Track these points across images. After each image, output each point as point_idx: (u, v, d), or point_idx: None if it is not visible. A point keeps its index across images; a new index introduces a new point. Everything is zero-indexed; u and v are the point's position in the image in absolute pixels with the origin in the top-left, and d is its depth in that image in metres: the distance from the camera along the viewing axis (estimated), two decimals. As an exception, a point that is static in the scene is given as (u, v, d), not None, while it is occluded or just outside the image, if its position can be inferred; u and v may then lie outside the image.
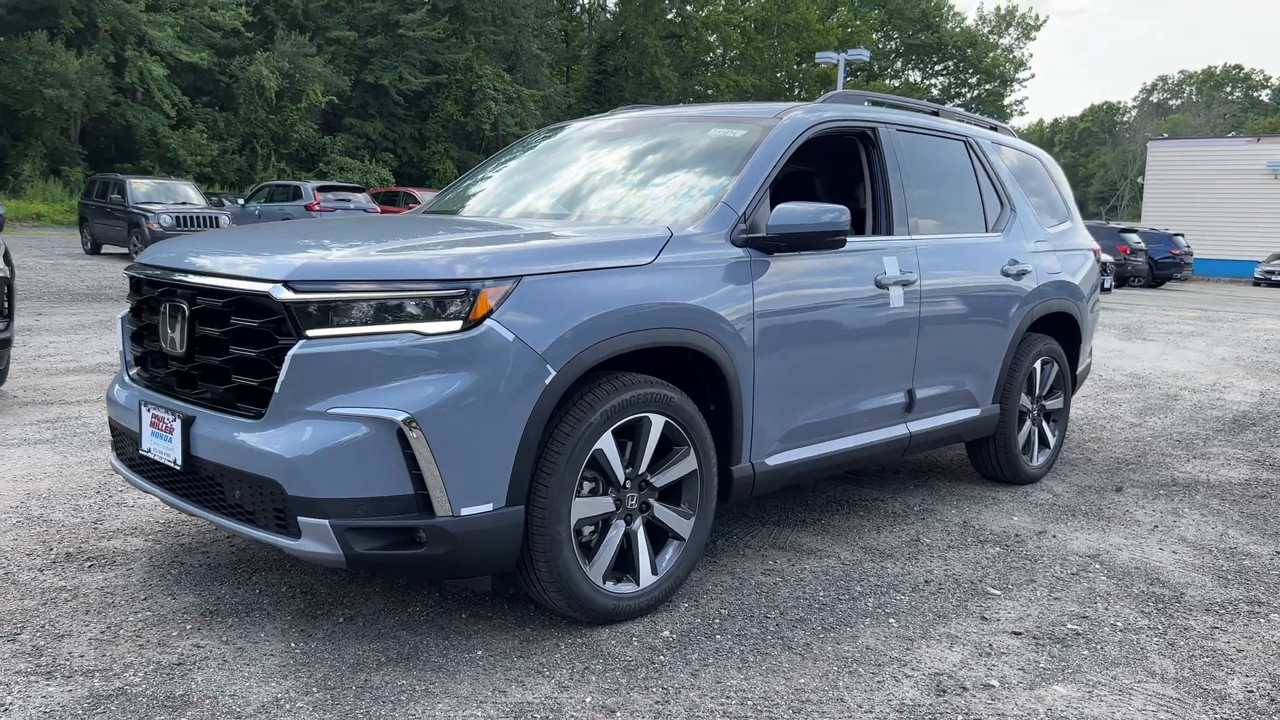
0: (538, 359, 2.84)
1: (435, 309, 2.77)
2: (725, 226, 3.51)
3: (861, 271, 3.99)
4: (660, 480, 3.27)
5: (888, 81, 65.66)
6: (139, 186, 19.90)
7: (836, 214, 3.52)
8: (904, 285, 4.13)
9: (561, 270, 2.98)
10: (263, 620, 3.12)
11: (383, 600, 3.30)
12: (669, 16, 51.74)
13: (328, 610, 3.22)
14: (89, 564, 3.52)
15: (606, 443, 3.07)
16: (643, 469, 3.20)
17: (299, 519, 2.75)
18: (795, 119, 3.94)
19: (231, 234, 3.79)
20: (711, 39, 55.37)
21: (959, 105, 67.67)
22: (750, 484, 3.60)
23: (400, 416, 2.68)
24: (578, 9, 56.53)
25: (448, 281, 2.78)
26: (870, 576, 3.72)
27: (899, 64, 68.22)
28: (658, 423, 3.20)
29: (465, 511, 2.77)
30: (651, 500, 3.26)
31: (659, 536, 3.34)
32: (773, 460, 3.67)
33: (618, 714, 2.63)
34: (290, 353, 2.74)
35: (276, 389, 2.77)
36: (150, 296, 3.25)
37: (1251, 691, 2.94)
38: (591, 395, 3.03)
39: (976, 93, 67.84)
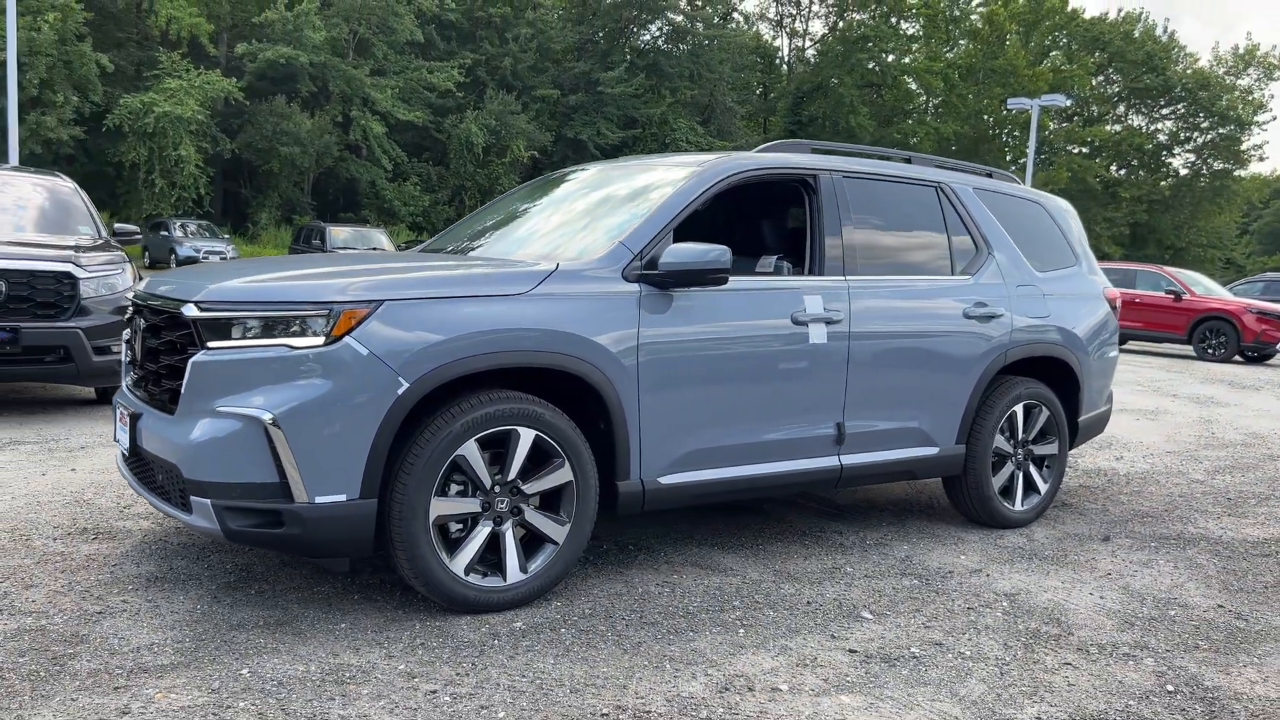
0: (390, 372, 3.31)
1: (305, 327, 3.31)
2: (619, 263, 3.88)
3: (775, 309, 4.24)
4: (532, 488, 3.66)
5: (1108, 126, 62.49)
6: (338, 233, 21.98)
7: (719, 253, 3.83)
8: (827, 323, 4.34)
9: (425, 297, 3.45)
10: (192, 587, 3.72)
11: (300, 579, 3.84)
12: (869, 66, 51.58)
13: (250, 584, 3.78)
14: (94, 537, 4.26)
15: (470, 450, 3.49)
16: (511, 476, 3.60)
17: (191, 498, 3.34)
18: (712, 168, 4.27)
19: (204, 266, 4.48)
20: (912, 87, 54.70)
21: (1189, 150, 63.55)
22: (639, 500, 3.91)
23: (266, 416, 3.22)
24: (777, 60, 57.28)
25: (315, 304, 3.32)
26: (757, 595, 3.94)
27: (1121, 108, 64.83)
28: (527, 435, 3.59)
29: (320, 500, 3.27)
30: (523, 505, 3.65)
31: (537, 540, 3.72)
32: (667, 480, 3.98)
33: (417, 679, 3.03)
34: (191, 360, 3.35)
35: (182, 389, 3.38)
36: (129, 315, 3.97)
37: (1039, 719, 2.99)
38: (456, 406, 3.48)
39: (1208, 137, 63.42)
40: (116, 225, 8.26)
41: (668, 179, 4.33)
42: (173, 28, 34.35)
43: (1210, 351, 17.69)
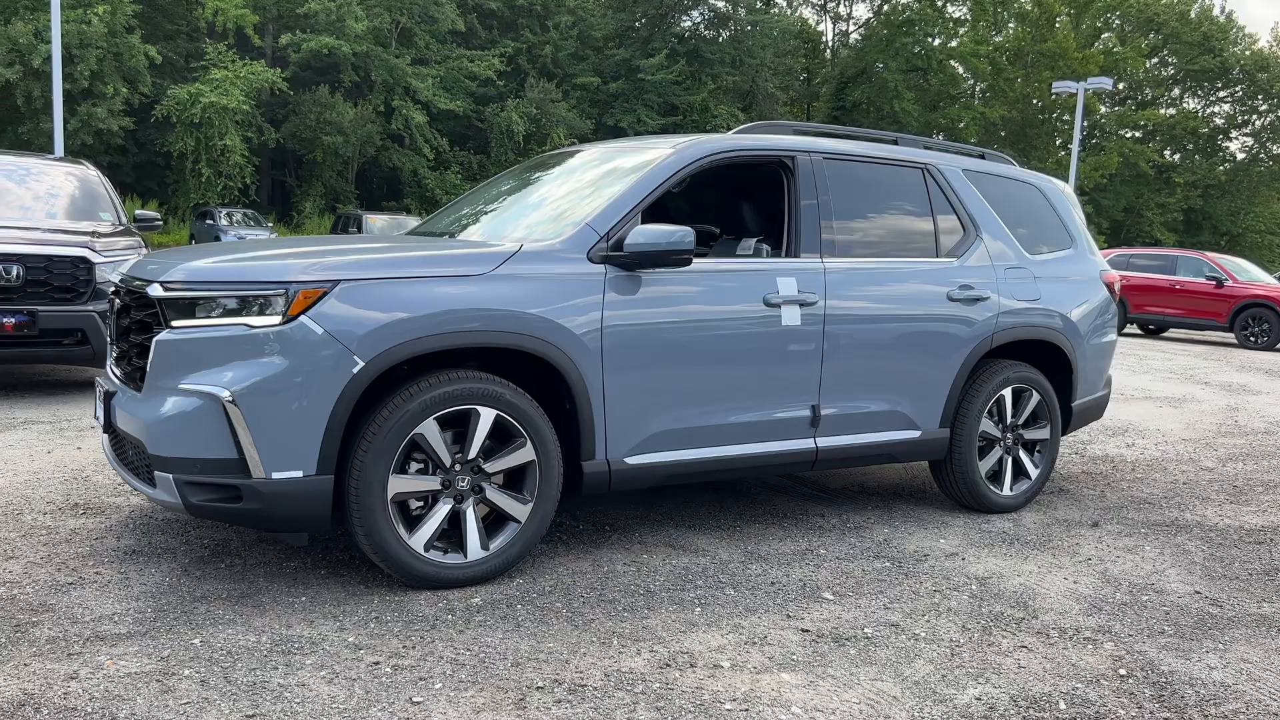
0: (345, 351, 3.37)
1: (263, 306, 3.38)
2: (584, 245, 3.90)
3: (747, 291, 4.24)
4: (494, 467, 3.70)
5: (1162, 110, 61.06)
6: (374, 221, 22.26)
7: (682, 235, 3.84)
8: (801, 305, 4.33)
9: (381, 277, 3.51)
10: (165, 561, 3.82)
11: (271, 555, 3.93)
12: (914, 50, 50.91)
13: (222, 558, 3.88)
14: (83, 513, 4.39)
15: (429, 428, 3.54)
16: (472, 455, 3.65)
17: (155, 473, 3.43)
18: (686, 150, 4.27)
19: (186, 248, 4.57)
20: (958, 71, 53.90)
21: (1247, 134, 61.85)
22: (605, 479, 3.94)
23: (224, 394, 3.30)
24: (820, 45, 56.73)
25: (272, 283, 3.39)
26: (722, 575, 3.95)
27: (1176, 91, 63.33)
28: (487, 415, 3.64)
29: (276, 475, 3.34)
30: (485, 484, 3.70)
31: (501, 518, 3.77)
32: (634, 460, 4.00)
33: (363, 650, 3.09)
34: (156, 338, 3.43)
35: (148, 368, 3.47)
36: (110, 296, 4.08)
37: (978, 700, 2.98)
38: (415, 385, 3.53)
39: (1267, 120, 61.73)
40: (138, 212, 8.45)
41: (644, 161, 4.34)
42: (219, 19, 34.93)
43: (1252, 339, 17.28)
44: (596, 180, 4.41)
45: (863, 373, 4.57)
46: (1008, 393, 5.06)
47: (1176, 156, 59.50)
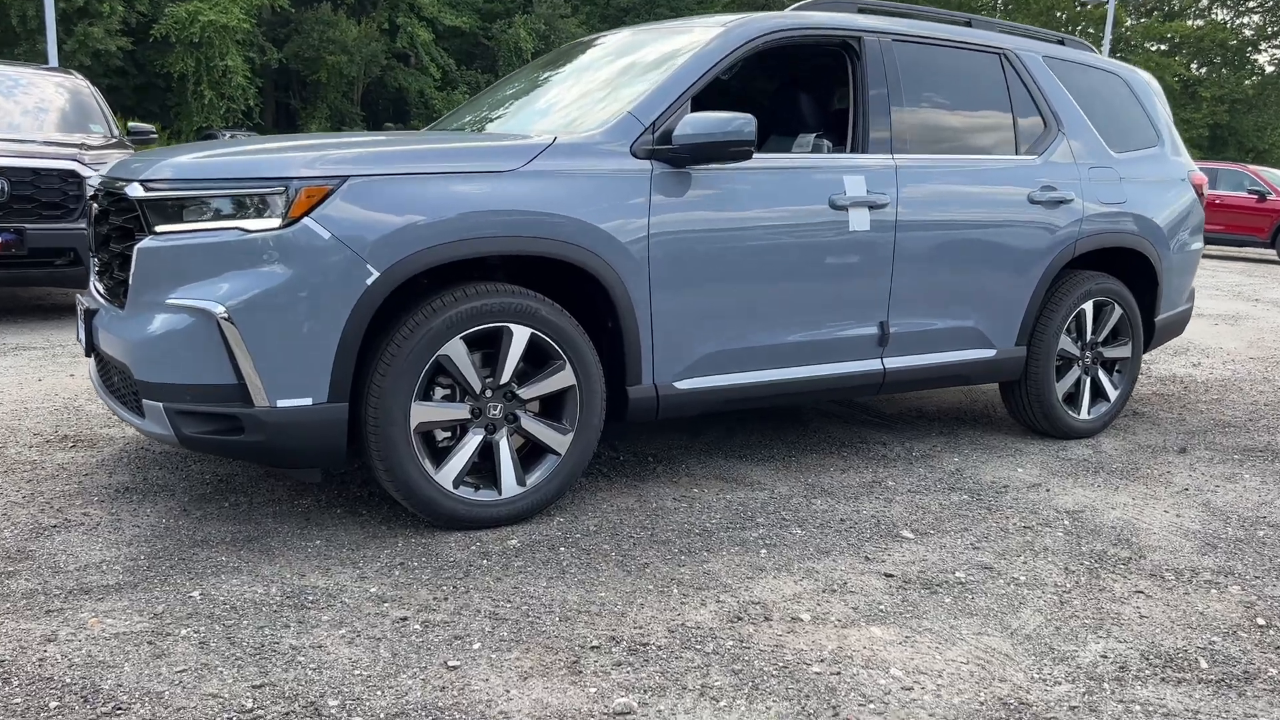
0: (357, 259, 2.90)
1: (259, 206, 2.90)
2: (626, 137, 3.39)
3: (811, 191, 3.73)
4: (529, 393, 3.25)
5: (1190, 22, 59.15)
6: (381, 141, 21.48)
7: (742, 123, 3.33)
8: (870, 207, 3.82)
9: (396, 173, 3.01)
10: (162, 499, 3.40)
11: (281, 492, 3.51)
12: (934, -39, 49.13)
13: (225, 496, 3.46)
14: (73, 445, 3.97)
15: (455, 349, 3.08)
16: (504, 379, 3.19)
17: (143, 401, 2.99)
18: (739, 28, 3.73)
19: (173, 146, 4.04)
20: (981, -18, 52.10)
21: (1276, 46, 59.88)
22: (653, 406, 3.49)
23: (218, 309, 2.84)
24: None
25: (270, 180, 2.90)
26: (784, 511, 3.52)
27: (1204, 2, 61.29)
28: (521, 334, 3.17)
29: (282, 404, 2.90)
30: (519, 412, 3.25)
31: (537, 450, 3.33)
32: (684, 384, 3.55)
33: (388, 604, 2.68)
34: (137, 246, 2.96)
35: (130, 281, 3.00)
36: (88, 201, 3.59)
37: (1103, 657, 2.55)
38: (438, 300, 3.06)
39: (1300, 32, 59.73)
40: (132, 125, 7.92)
41: (691, 42, 3.80)
42: (216, -68, 33.66)
43: (1295, 255, 16.65)
44: (636, 66, 3.88)
45: (936, 285, 4.08)
46: (1088, 306, 4.57)
47: (1203, 70, 57.77)
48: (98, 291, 3.43)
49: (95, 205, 3.37)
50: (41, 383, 5.00)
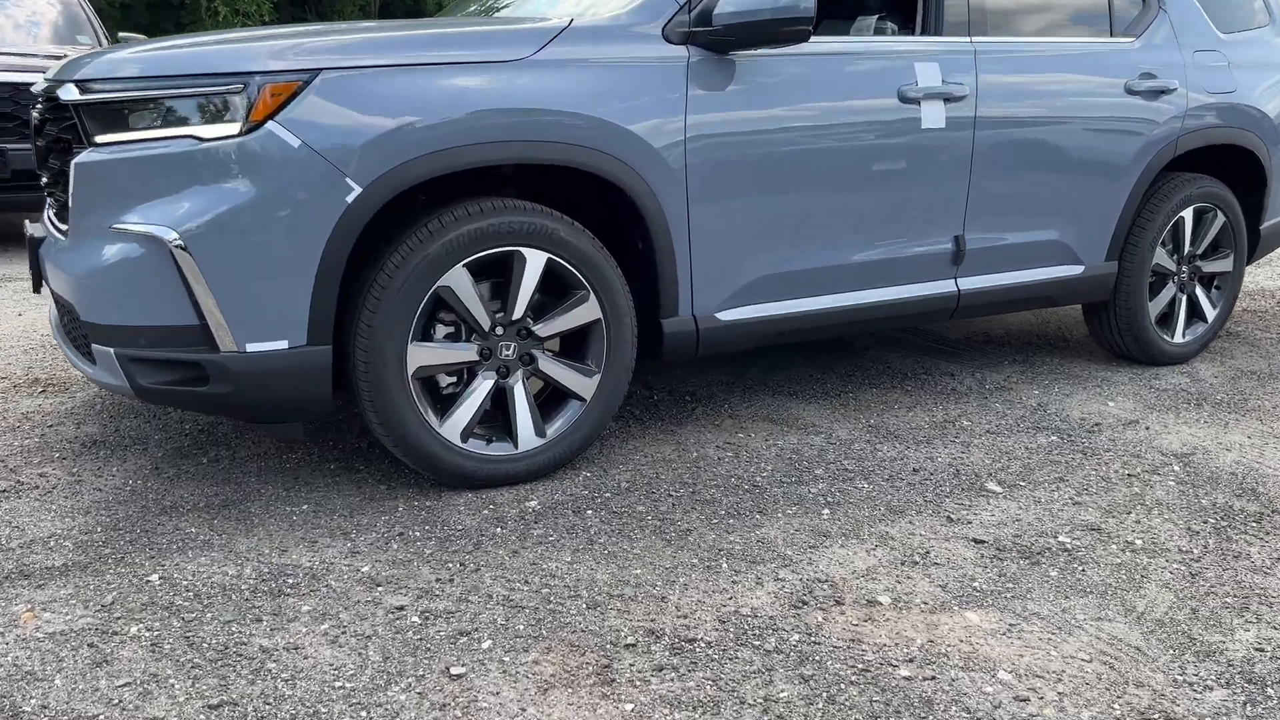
0: (334, 172, 2.39)
1: (215, 109, 2.39)
2: (658, 17, 2.83)
3: (877, 81, 3.16)
4: (547, 329, 2.76)
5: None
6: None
7: (796, -2, 2.75)
8: (947, 100, 3.25)
9: (378, 64, 2.48)
10: (132, 455, 2.97)
11: (269, 445, 3.06)
12: None
13: (205, 450, 3.02)
14: (42, 390, 3.54)
15: (458, 279, 2.59)
16: (517, 314, 2.70)
17: (93, 346, 2.53)
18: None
19: (129, 42, 3.52)
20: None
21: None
22: (692, 341, 2.99)
23: (169, 235, 2.35)
24: None
25: (226, 76, 2.38)
26: (847, 460, 3.03)
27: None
28: (535, 259, 2.67)
29: (252, 348, 2.43)
30: (536, 352, 2.76)
31: (558, 396, 2.85)
32: (728, 315, 3.04)
33: (381, 588, 2.23)
34: (74, 161, 2.47)
35: (70, 203, 2.52)
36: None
37: (1260, 650, 2.07)
38: (434, 221, 2.56)
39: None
40: (122, 35, 7.35)
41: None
42: None
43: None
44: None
45: (1019, 192, 3.51)
46: (1188, 214, 3.98)
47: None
48: (49, 217, 2.95)
49: (35, 114, 2.87)
50: (21, 318, 4.57)
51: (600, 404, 2.85)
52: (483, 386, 2.70)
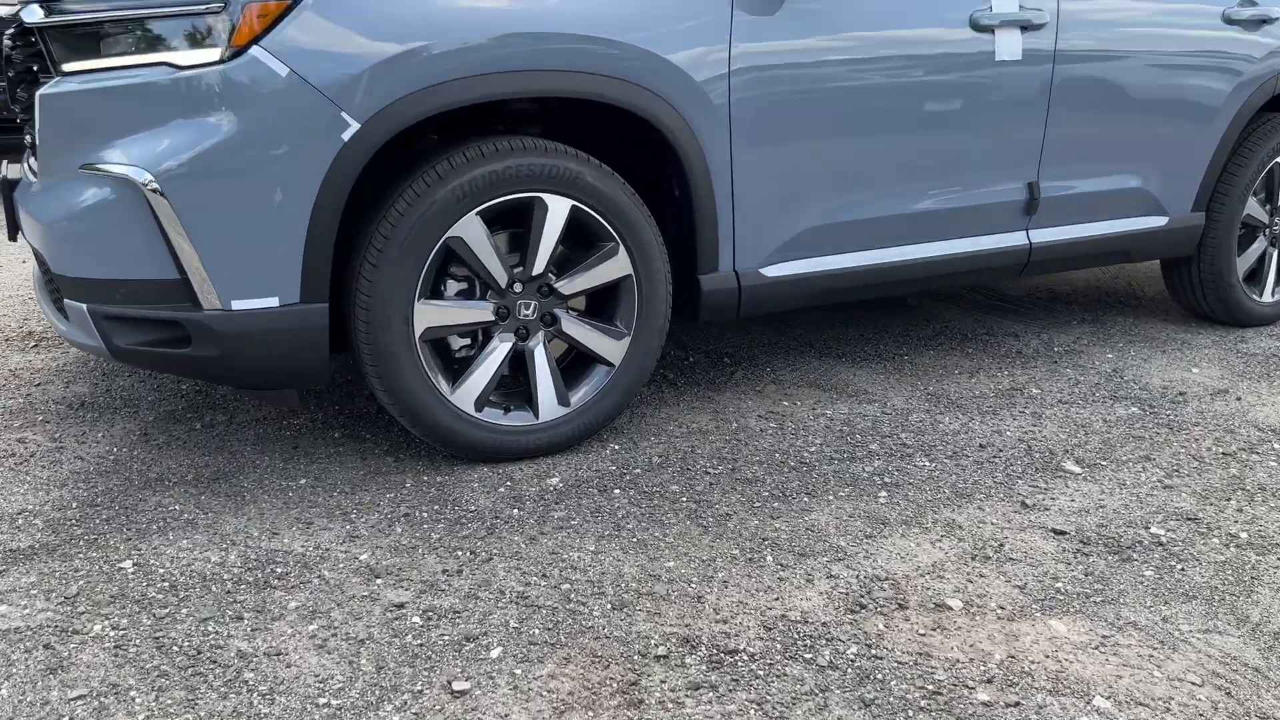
0: (327, 106, 2.09)
1: (194, 33, 2.09)
2: (699, -77, 2.48)
3: (946, 7, 2.80)
4: (571, 286, 2.47)
5: None
6: None
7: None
8: (1024, 28, 2.88)
9: (378, -19, 2.16)
10: (121, 419, 2.73)
11: (269, 410, 2.80)
12: None
13: (201, 413, 2.77)
14: (34, 345, 3.31)
15: (471, 229, 2.29)
16: (538, 269, 2.41)
17: (65, 300, 2.27)
18: None
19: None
20: None
21: None
22: (733, 300, 2.69)
23: (143, 177, 2.07)
24: None
25: (204, -4, 2.07)
26: (904, 433, 2.73)
27: None
28: (559, 207, 2.37)
29: (238, 306, 2.15)
30: (559, 311, 2.47)
31: (584, 361, 2.57)
32: (774, 271, 2.73)
33: (380, 580, 1.98)
34: (39, 93, 2.18)
35: (36, 141, 2.24)
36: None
37: (1404, 677, 1.75)
38: (444, 162, 2.25)
39: None
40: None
41: None
42: None
43: None
44: None
45: (1101, 134, 3.15)
46: (1285, 160, 3.59)
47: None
48: (28, 158, 2.68)
49: (6, 41, 2.58)
50: (26, 265, 4.33)
51: (630, 370, 2.56)
52: (499, 350, 2.42)
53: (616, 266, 2.48)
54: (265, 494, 2.32)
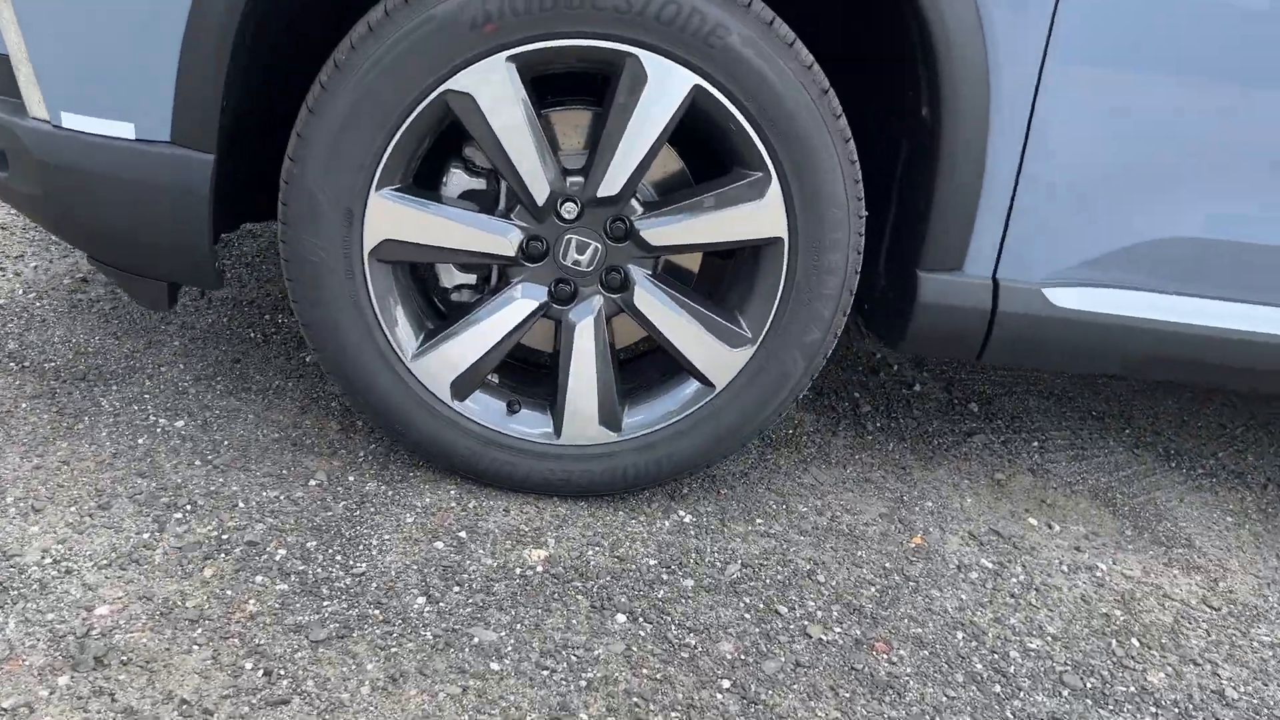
0: None
1: None
2: None
3: None
4: (664, 233, 1.39)
5: None
6: None
7: None
8: None
9: None
10: (131, 384, 1.93)
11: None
12: None
13: (220, 383, 1.95)
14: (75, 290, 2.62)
15: (491, 85, 1.28)
16: (612, 189, 1.35)
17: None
18: None
19: None
20: None
21: None
22: (978, 326, 1.47)
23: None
24: None
25: None
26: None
27: None
28: (670, 81, 1.29)
29: (71, 123, 1.28)
30: (634, 269, 1.39)
31: (663, 364, 1.48)
32: (1066, 297, 1.47)
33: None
34: None
35: None
36: None
37: None
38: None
39: None
40: None
41: None
42: None
43: None
44: None
45: None
46: None
47: None
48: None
49: None
50: None
51: (745, 400, 1.44)
52: (517, 307, 1.39)
53: (760, 217, 1.34)
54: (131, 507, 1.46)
